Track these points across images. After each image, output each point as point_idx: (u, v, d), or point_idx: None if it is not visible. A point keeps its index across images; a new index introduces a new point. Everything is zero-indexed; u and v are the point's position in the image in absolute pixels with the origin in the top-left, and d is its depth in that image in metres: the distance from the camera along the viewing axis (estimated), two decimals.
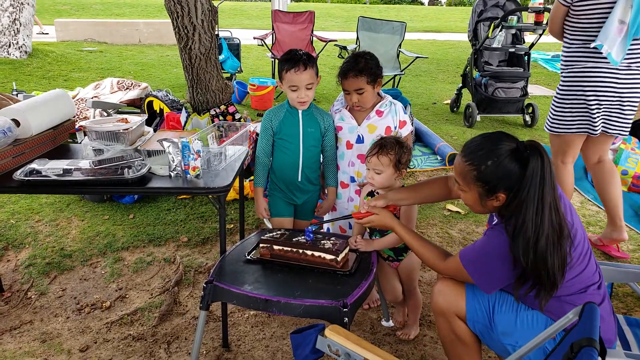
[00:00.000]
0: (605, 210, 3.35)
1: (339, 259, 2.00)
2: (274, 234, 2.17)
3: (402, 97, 5.37)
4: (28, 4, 8.46)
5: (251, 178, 3.76)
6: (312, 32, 8.05)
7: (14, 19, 8.36)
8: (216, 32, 5.21)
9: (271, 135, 2.53)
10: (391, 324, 2.60)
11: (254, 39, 8.11)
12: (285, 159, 2.53)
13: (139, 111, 5.39)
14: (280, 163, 2.56)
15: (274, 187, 2.61)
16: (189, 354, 2.37)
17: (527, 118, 6.23)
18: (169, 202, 3.83)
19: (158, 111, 4.99)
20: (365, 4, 29.73)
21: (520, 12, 6.02)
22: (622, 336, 1.91)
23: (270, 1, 9.33)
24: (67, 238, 3.33)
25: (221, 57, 7.03)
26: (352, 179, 2.63)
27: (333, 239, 2.12)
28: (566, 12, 3.00)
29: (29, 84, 7.20)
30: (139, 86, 5.85)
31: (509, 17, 5.88)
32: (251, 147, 3.56)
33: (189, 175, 2.25)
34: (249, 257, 2.11)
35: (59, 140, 2.71)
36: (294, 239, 2.09)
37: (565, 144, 3.19)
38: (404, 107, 2.67)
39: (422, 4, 34.10)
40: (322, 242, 2.07)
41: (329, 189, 2.65)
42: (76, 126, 4.28)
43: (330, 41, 8.04)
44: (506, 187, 1.68)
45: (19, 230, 3.38)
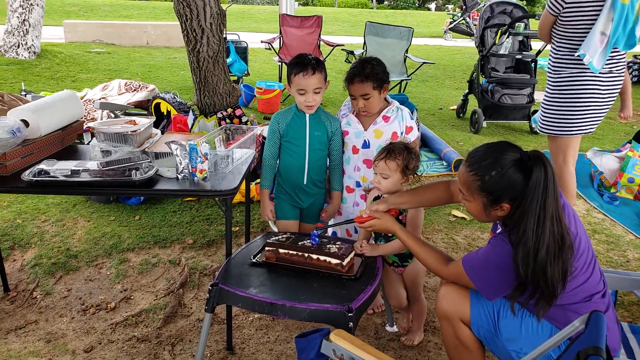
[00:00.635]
0: None
1: (344, 263, 2.00)
2: (280, 237, 2.17)
3: (408, 102, 5.37)
4: (37, 5, 8.51)
5: (257, 181, 3.78)
6: (320, 36, 8.07)
7: (23, 20, 8.41)
8: (224, 35, 5.23)
9: (278, 138, 2.54)
10: (395, 329, 2.60)
11: (261, 42, 8.15)
12: (292, 161, 2.54)
13: (146, 113, 5.41)
14: (286, 166, 2.56)
15: (280, 190, 2.62)
16: (193, 356, 2.38)
17: (533, 125, 6.22)
18: (174, 204, 3.84)
19: (165, 113, 5.00)
20: (372, 9, 29.77)
21: (527, 19, 6.02)
22: (627, 344, 1.90)
23: (278, 5, 9.36)
24: (73, 238, 3.34)
25: (229, 60, 7.05)
26: (358, 184, 2.63)
27: (339, 243, 2.13)
28: (554, 21, 3.20)
29: (37, 85, 7.24)
30: (146, 88, 5.87)
31: (516, 24, 5.88)
32: (258, 151, 3.57)
33: (196, 178, 2.26)
34: (254, 260, 2.11)
35: (67, 141, 2.72)
36: (299, 243, 2.10)
37: (563, 144, 3.36)
38: (411, 112, 2.68)
39: (429, 9, 34.12)
40: (328, 246, 2.07)
41: (334, 194, 2.65)
42: (84, 127, 4.30)
43: (338, 46, 8.05)
44: (510, 197, 1.68)
45: (25, 230, 3.40)
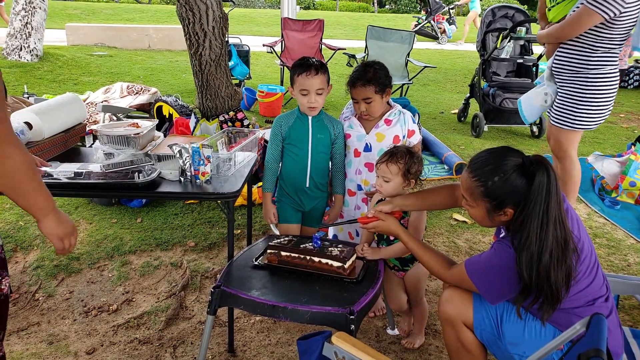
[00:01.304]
0: None
1: (346, 266, 2.01)
2: (282, 240, 2.18)
3: (410, 106, 5.39)
4: (40, 8, 8.54)
5: (259, 184, 3.78)
6: (321, 40, 8.09)
7: (26, 23, 8.43)
8: (226, 39, 5.25)
9: (280, 141, 2.55)
10: (397, 332, 2.60)
11: (263, 46, 8.16)
12: (294, 164, 2.55)
13: (148, 116, 5.43)
14: (288, 168, 2.57)
15: (282, 193, 2.63)
16: (195, 358, 2.38)
17: (535, 129, 6.23)
18: (176, 207, 3.85)
19: (167, 116, 5.02)
20: (373, 12, 29.81)
21: (528, 24, 6.03)
22: (628, 349, 1.90)
23: (280, 9, 9.38)
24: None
25: (230, 64, 7.07)
26: (359, 187, 2.64)
27: (340, 246, 2.13)
28: (599, 21, 3.08)
29: (40, 88, 7.26)
30: (148, 91, 5.89)
31: (518, 28, 5.89)
32: (260, 154, 3.58)
33: (198, 181, 2.27)
34: (256, 263, 2.12)
35: (70, 143, 2.74)
36: (301, 246, 2.10)
37: (576, 137, 3.43)
38: (412, 116, 2.69)
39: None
40: (330, 249, 2.08)
41: (336, 197, 2.66)
42: (86, 130, 4.31)
43: (339, 49, 8.06)
44: (514, 202, 1.68)
45: (27, 232, 3.41)
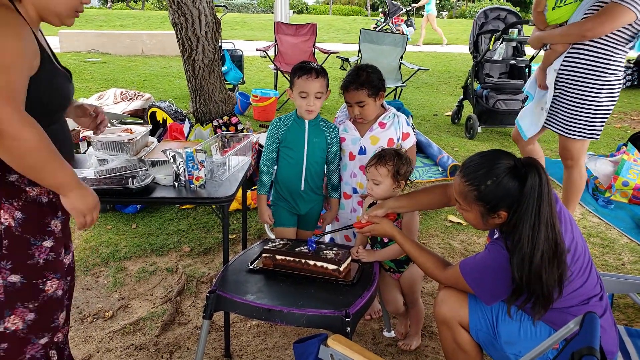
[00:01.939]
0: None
1: (341, 269, 2.01)
2: (277, 243, 2.18)
3: (403, 108, 5.40)
4: None
5: (254, 188, 3.79)
6: (315, 44, 8.11)
7: None
8: (219, 44, 5.26)
9: (277, 144, 2.55)
10: (393, 334, 2.60)
11: (256, 50, 8.17)
12: (289, 168, 2.55)
13: (141, 121, 5.42)
14: (284, 172, 2.58)
15: (278, 197, 2.63)
16: None
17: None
18: (171, 212, 3.85)
19: (161, 122, 5.02)
20: (366, 16, 29.89)
21: (521, 25, 6.06)
22: (623, 347, 1.91)
23: (273, 13, 9.40)
24: None
25: (224, 69, 7.07)
26: (355, 190, 2.64)
27: (335, 249, 2.13)
28: (628, 21, 2.88)
29: None
30: (142, 97, 5.88)
31: (510, 30, 5.92)
32: (254, 158, 3.58)
33: (192, 185, 2.27)
34: (251, 267, 2.12)
35: None
36: (296, 249, 2.10)
37: (587, 145, 3.31)
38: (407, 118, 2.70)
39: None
40: (325, 252, 2.08)
41: (331, 201, 2.67)
42: (80, 136, 4.30)
43: (332, 53, 8.09)
44: (507, 205, 1.69)
45: None
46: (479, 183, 1.71)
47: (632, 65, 9.61)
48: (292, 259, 2.08)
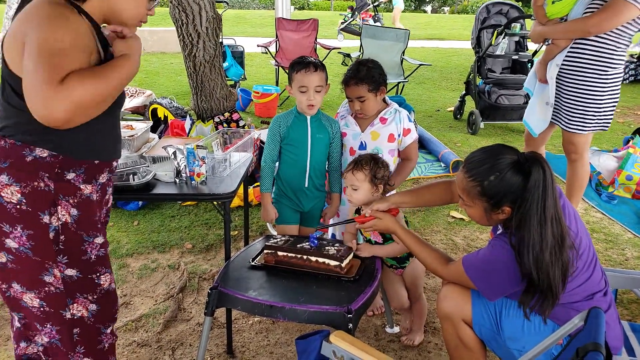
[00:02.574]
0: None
1: (343, 265, 2.00)
2: (278, 240, 2.17)
3: (405, 104, 5.39)
4: None
5: (256, 184, 3.78)
6: (316, 39, 8.09)
7: None
8: (220, 40, 5.24)
9: (279, 141, 2.53)
10: (395, 330, 2.60)
11: (257, 46, 8.16)
12: (293, 165, 2.53)
13: (142, 118, 5.42)
14: (287, 169, 2.56)
15: (281, 194, 2.61)
16: None
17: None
18: (173, 209, 3.84)
19: (162, 118, 5.01)
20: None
21: (523, 20, 6.04)
22: (627, 343, 1.91)
23: (274, 9, 9.38)
24: None
25: (225, 65, 7.06)
26: None
27: (337, 245, 2.13)
28: (633, 16, 2.87)
29: None
30: (143, 93, 5.88)
31: (512, 25, 5.90)
32: (255, 154, 3.57)
33: (194, 182, 2.26)
34: (253, 263, 2.11)
35: None
36: (298, 245, 2.10)
37: (591, 138, 3.29)
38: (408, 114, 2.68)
39: (425, 12, 34.22)
40: (327, 248, 2.07)
41: (333, 196, 2.65)
42: None
43: (334, 49, 8.07)
44: (511, 200, 1.68)
45: None
46: (482, 178, 1.70)
47: (635, 60, 9.57)
48: (294, 255, 2.07)
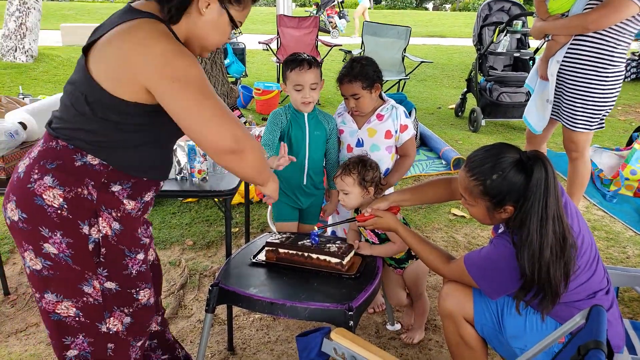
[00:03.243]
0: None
1: (344, 262, 2.00)
2: (280, 237, 2.17)
3: (407, 101, 5.38)
4: (34, 9, 8.51)
5: None
6: (317, 36, 8.07)
7: (20, 24, 8.41)
8: None
9: (279, 132, 2.48)
10: (396, 327, 2.60)
11: (259, 43, 8.14)
12: (291, 163, 2.53)
13: None
14: (285, 167, 2.55)
15: (279, 192, 2.60)
16: (195, 357, 2.37)
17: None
18: (174, 206, 3.84)
19: None
20: (369, 9, 29.79)
21: (525, 17, 6.02)
22: (628, 341, 1.90)
23: (275, 6, 9.37)
24: None
25: (226, 62, 7.06)
26: None
27: (338, 242, 2.12)
28: (632, 13, 2.86)
29: (35, 88, 7.24)
30: None
31: (514, 22, 5.88)
32: None
33: (195, 179, 2.26)
34: (254, 260, 2.11)
35: None
36: (299, 243, 2.09)
37: (591, 136, 3.26)
38: (409, 111, 2.67)
39: (427, 9, 34.17)
40: (328, 245, 2.07)
41: (331, 192, 2.65)
42: None
43: (335, 46, 8.05)
44: (513, 199, 1.67)
45: None
46: (484, 178, 1.69)
47: (637, 58, 9.55)
48: (294, 252, 2.07)
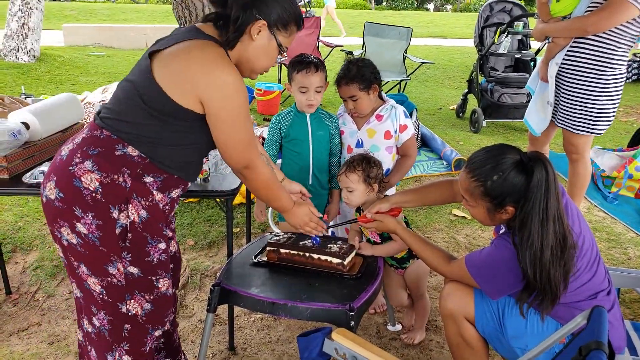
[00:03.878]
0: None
1: (345, 262, 2.00)
2: (281, 237, 2.17)
3: (408, 102, 5.38)
4: (36, 9, 8.53)
5: None
6: (319, 37, 8.07)
7: (23, 24, 8.42)
8: None
9: (278, 139, 2.54)
10: (397, 328, 2.60)
11: None
12: (296, 163, 2.53)
13: None
14: (290, 167, 2.55)
15: None
16: (196, 357, 2.38)
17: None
18: None
19: None
20: (371, 9, 29.81)
21: (526, 18, 6.02)
22: (629, 342, 1.91)
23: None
24: None
25: None
26: None
27: (339, 242, 2.13)
28: (631, 16, 2.84)
29: (37, 88, 7.25)
30: None
31: (515, 23, 5.88)
32: None
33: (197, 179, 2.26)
34: (255, 260, 2.11)
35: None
36: (300, 243, 2.10)
37: (592, 139, 3.25)
38: (410, 112, 2.67)
39: (428, 10, 34.17)
40: (329, 245, 2.07)
41: (333, 192, 2.65)
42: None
43: (337, 46, 8.05)
44: (514, 199, 1.68)
45: (26, 232, 3.40)
46: (485, 178, 1.70)
47: (638, 59, 9.54)
48: (296, 252, 2.07)
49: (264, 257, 2.14)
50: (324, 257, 2.03)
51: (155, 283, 1.67)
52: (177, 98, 1.53)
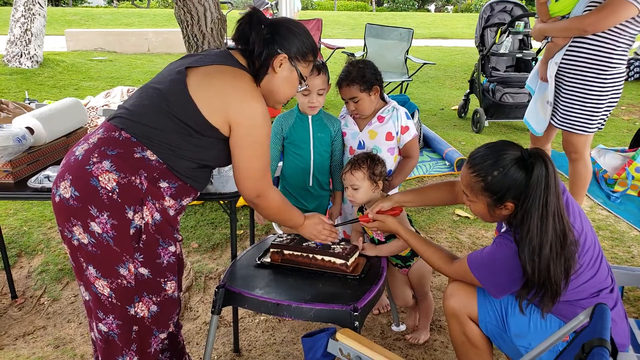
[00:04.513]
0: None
1: (349, 263, 2.01)
2: (284, 238, 2.18)
3: (410, 103, 5.39)
4: (39, 15, 8.56)
5: None
6: (320, 39, 8.09)
7: (26, 30, 8.45)
8: (225, 41, 5.25)
9: (280, 141, 2.55)
10: (401, 328, 2.60)
11: None
12: (297, 164, 2.55)
13: None
14: (291, 169, 2.57)
15: (285, 194, 2.62)
16: (201, 359, 2.39)
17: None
18: None
19: None
20: (372, 11, 29.82)
21: (527, 18, 6.02)
22: (634, 340, 1.91)
23: (278, 9, 9.38)
24: None
25: None
26: None
27: (343, 243, 2.13)
28: (631, 15, 2.83)
29: (41, 93, 7.28)
30: None
31: (516, 23, 5.88)
32: None
33: None
34: (259, 262, 2.12)
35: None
36: (304, 244, 2.11)
37: (591, 138, 3.25)
38: (412, 113, 2.68)
39: (429, 10, 34.16)
40: (332, 246, 2.08)
41: (335, 194, 2.66)
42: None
43: (338, 48, 8.06)
44: (514, 195, 1.69)
45: (31, 237, 3.42)
46: (485, 174, 1.71)
47: (639, 57, 9.52)
48: (299, 253, 2.08)
49: (267, 258, 2.15)
50: (327, 258, 2.04)
51: (163, 285, 1.69)
52: (207, 114, 1.61)
